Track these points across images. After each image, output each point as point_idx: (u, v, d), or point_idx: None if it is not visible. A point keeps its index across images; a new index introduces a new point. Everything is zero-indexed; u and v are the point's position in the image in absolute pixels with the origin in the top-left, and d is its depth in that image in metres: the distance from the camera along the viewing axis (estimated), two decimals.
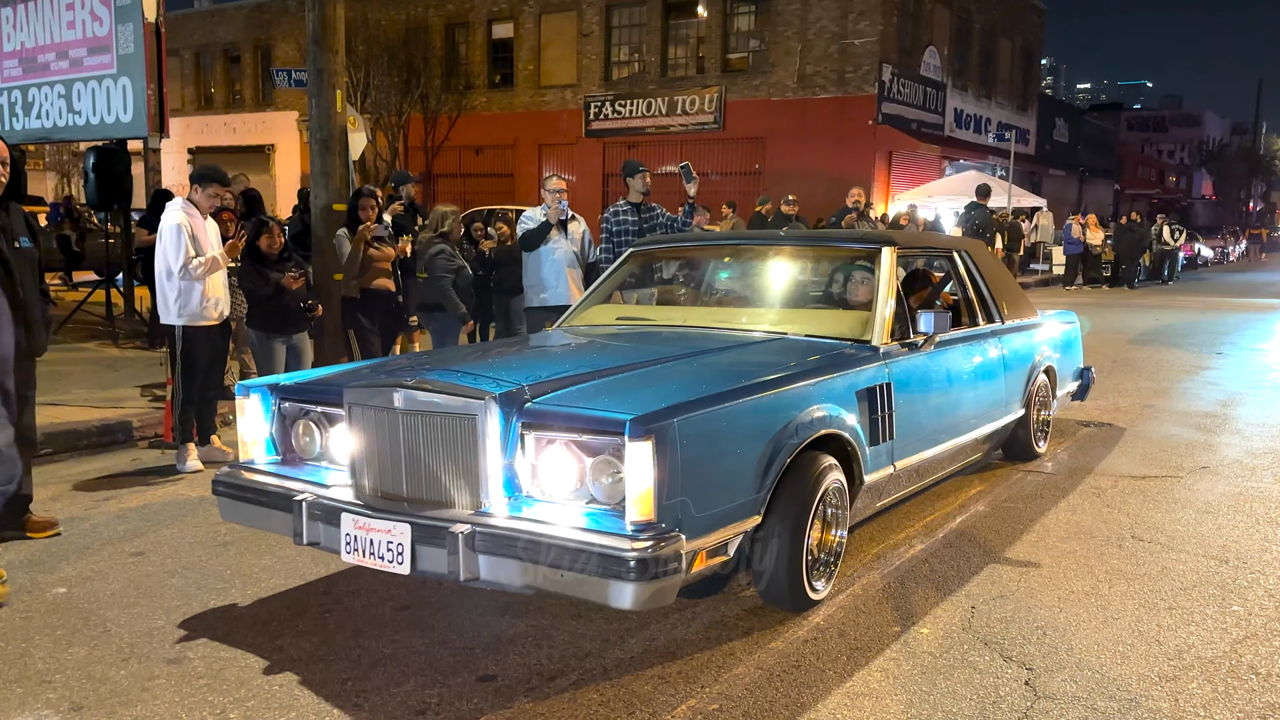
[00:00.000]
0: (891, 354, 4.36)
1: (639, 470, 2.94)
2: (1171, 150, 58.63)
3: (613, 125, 28.49)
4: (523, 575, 3.03)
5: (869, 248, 4.84)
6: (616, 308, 5.37)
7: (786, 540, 3.52)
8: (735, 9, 27.00)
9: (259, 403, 3.98)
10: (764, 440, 3.44)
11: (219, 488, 3.92)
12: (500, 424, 3.21)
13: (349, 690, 3.20)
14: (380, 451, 3.44)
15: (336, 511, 3.42)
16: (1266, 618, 3.76)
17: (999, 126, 30.66)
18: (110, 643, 3.59)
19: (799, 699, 3.11)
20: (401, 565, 3.21)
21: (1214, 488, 5.57)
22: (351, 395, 3.55)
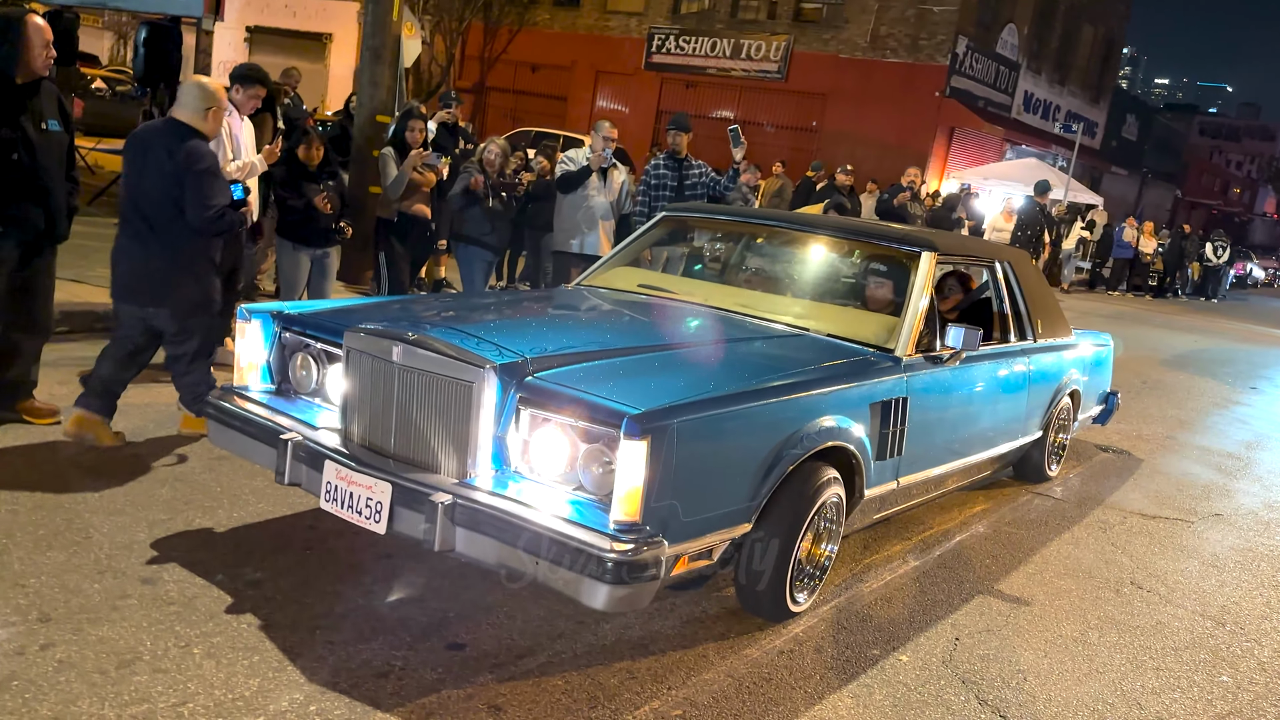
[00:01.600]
0: (914, 366, 4.21)
1: (631, 468, 2.84)
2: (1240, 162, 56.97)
3: (674, 61, 27.91)
4: (498, 555, 2.95)
5: (909, 250, 4.66)
6: (640, 272, 5.22)
7: (775, 551, 3.44)
8: None
9: (260, 329, 3.89)
10: (766, 448, 3.32)
11: (209, 410, 3.85)
12: (497, 394, 3.11)
13: (317, 640, 3.17)
14: (373, 402, 3.37)
15: (321, 457, 3.35)
16: (1254, 694, 3.67)
17: (1068, 116, 29.82)
18: (89, 552, 3.58)
19: (763, 716, 3.06)
20: (378, 524, 3.15)
21: (1224, 539, 5.44)
22: (351, 339, 3.45)
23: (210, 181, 4.56)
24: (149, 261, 4.60)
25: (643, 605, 2.97)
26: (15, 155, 4.50)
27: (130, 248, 4.63)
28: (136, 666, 2.90)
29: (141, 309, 4.68)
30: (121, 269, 4.68)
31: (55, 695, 2.71)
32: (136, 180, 4.59)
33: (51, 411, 4.96)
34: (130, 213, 4.62)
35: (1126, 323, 15.89)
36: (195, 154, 4.53)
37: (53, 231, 4.78)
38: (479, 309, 4.41)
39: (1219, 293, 25.42)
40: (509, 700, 2.97)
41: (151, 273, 4.61)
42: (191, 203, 4.50)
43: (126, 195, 4.66)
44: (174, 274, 4.61)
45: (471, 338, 3.38)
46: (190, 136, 4.57)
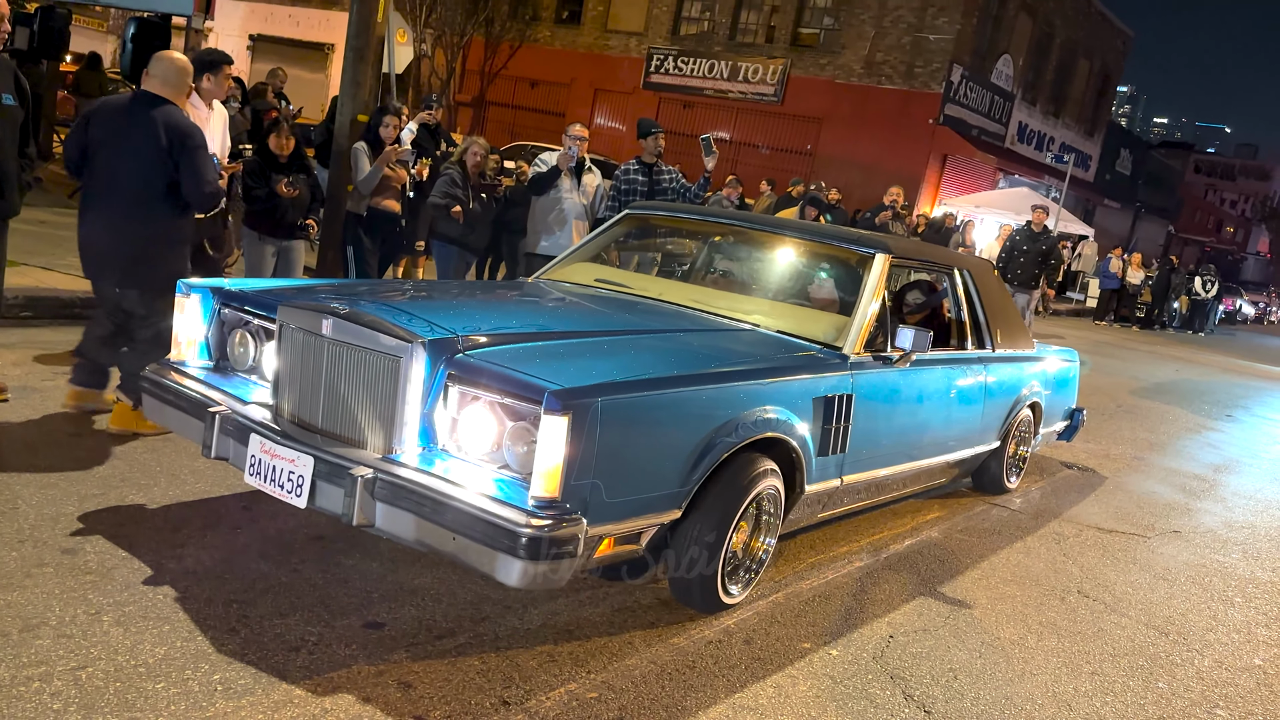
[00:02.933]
0: (861, 365, 4.19)
1: (551, 445, 2.81)
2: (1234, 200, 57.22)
3: (672, 81, 28.06)
4: (416, 531, 2.92)
5: (863, 252, 4.65)
6: (598, 268, 5.19)
7: (708, 541, 3.40)
8: None
9: (199, 304, 3.85)
10: (698, 434, 3.29)
11: (145, 384, 3.81)
12: (426, 371, 3.08)
13: (231, 614, 3.13)
14: (302, 376, 3.34)
15: (247, 430, 3.33)
16: (1188, 700, 3.63)
17: (1061, 147, 29.97)
18: (14, 520, 3.54)
19: (681, 701, 3.02)
20: (299, 498, 3.12)
21: (1178, 554, 5.41)
22: (284, 313, 3.42)
23: (205, 158, 4.58)
24: (124, 241, 4.57)
25: (560, 584, 2.92)
26: None
27: (104, 226, 4.59)
28: (41, 631, 2.85)
29: (112, 289, 4.66)
30: (96, 248, 4.64)
31: None
32: (114, 157, 4.56)
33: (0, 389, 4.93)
34: (105, 189, 4.58)
35: (1109, 350, 15.89)
36: (188, 131, 4.54)
37: (4, 206, 4.76)
38: (422, 292, 4.40)
39: (1206, 326, 25.46)
40: (420, 678, 2.92)
41: (126, 253, 4.57)
42: (190, 179, 4.49)
43: (103, 171, 4.60)
44: (150, 253, 4.58)
45: (403, 314, 3.35)
46: (174, 111, 4.57)
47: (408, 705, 2.77)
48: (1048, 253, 12.58)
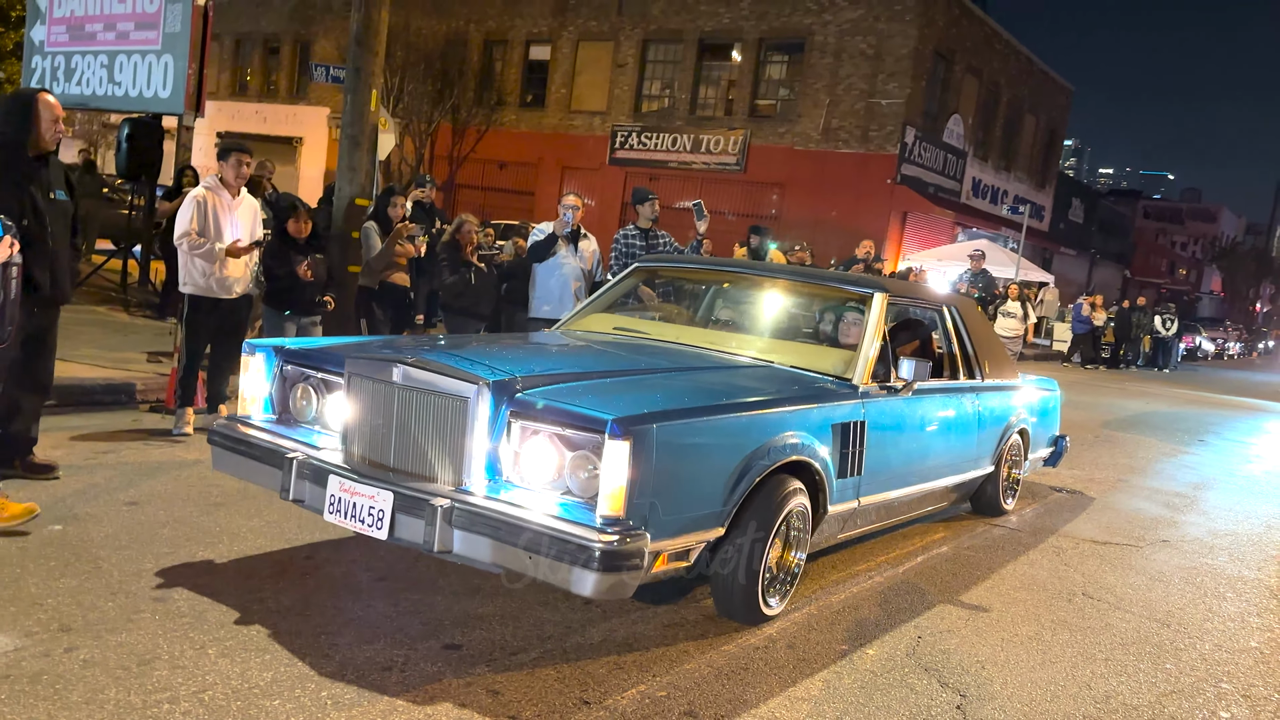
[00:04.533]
0: (870, 394, 4.56)
1: (614, 468, 3.12)
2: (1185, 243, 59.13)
3: (637, 155, 28.88)
4: (493, 553, 3.20)
5: (863, 291, 5.07)
6: (614, 318, 5.55)
7: (746, 555, 3.70)
8: (768, 57, 27.48)
9: (263, 362, 4.18)
10: (737, 457, 3.62)
11: (214, 438, 4.09)
12: (490, 409, 3.40)
13: (321, 644, 3.39)
14: (373, 422, 3.65)
15: (324, 472, 3.61)
16: (1195, 677, 3.95)
17: (1015, 200, 31.01)
18: (100, 578, 3.79)
19: (741, 696, 3.30)
20: (380, 530, 3.39)
21: (1170, 560, 5.76)
22: (352, 365, 3.76)
23: None
24: None
25: (628, 594, 3.22)
26: (25, 221, 4.80)
27: None
28: (156, 664, 3.10)
29: None
30: None
31: (83, 686, 2.91)
32: None
33: (50, 467, 5.16)
34: None
35: (1080, 389, 16.40)
36: None
37: (58, 294, 5.07)
38: (467, 343, 4.74)
39: (1170, 363, 26.21)
40: (505, 686, 3.20)
41: None
42: None
43: None
44: None
45: (465, 360, 3.70)
46: None
47: (500, 708, 3.04)
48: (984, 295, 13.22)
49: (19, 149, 4.83)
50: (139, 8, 12.21)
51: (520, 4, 31.65)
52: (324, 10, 35.63)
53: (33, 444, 5.20)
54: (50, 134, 4.93)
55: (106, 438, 6.19)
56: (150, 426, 6.63)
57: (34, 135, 4.87)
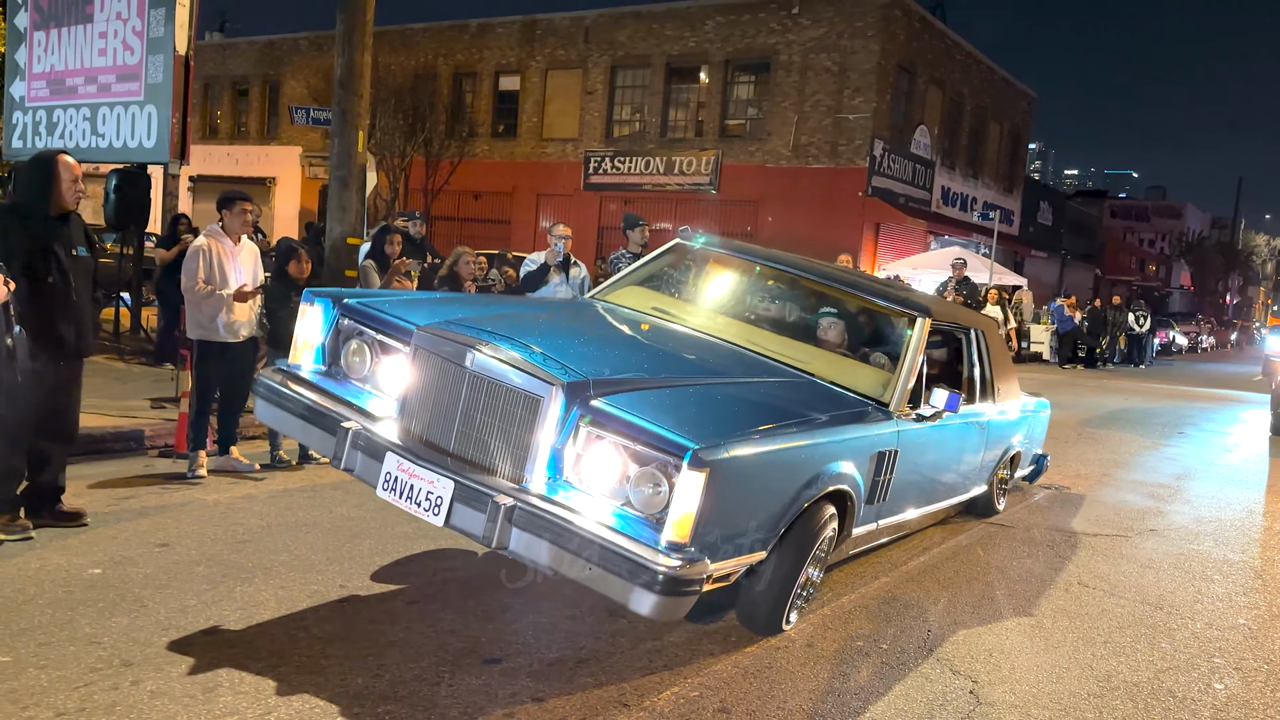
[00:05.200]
0: (903, 421, 4.57)
1: (687, 495, 3.17)
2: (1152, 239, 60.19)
3: (610, 180, 29.20)
4: (550, 557, 3.24)
5: (908, 313, 5.01)
6: (651, 295, 5.44)
7: (781, 578, 3.81)
8: (735, 78, 27.92)
9: (320, 311, 4.12)
10: (792, 486, 3.69)
11: (261, 389, 4.04)
12: (561, 410, 3.40)
13: (370, 664, 3.58)
14: (437, 401, 3.61)
15: (382, 449, 3.59)
16: (1190, 654, 4.20)
17: (984, 206, 31.57)
18: (148, 615, 3.96)
19: (769, 692, 3.52)
20: (436, 517, 3.41)
21: (1159, 547, 6.03)
22: (421, 338, 3.69)
23: None
24: None
25: (680, 616, 3.31)
26: (51, 279, 4.99)
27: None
28: (219, 691, 3.28)
29: None
30: None
31: (157, 715, 3.10)
32: None
33: (78, 514, 5.32)
34: None
35: (1058, 389, 16.74)
36: None
37: (82, 347, 5.24)
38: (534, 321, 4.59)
39: (1145, 359, 26.70)
40: (548, 693, 3.40)
41: None
42: None
43: None
44: None
45: (539, 355, 3.62)
46: None
47: (546, 714, 3.24)
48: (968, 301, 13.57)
49: (42, 209, 5.02)
50: (120, 60, 12.39)
51: (488, 36, 32.04)
52: (290, 52, 35.92)
53: (60, 492, 5.35)
54: (70, 194, 5.13)
55: (123, 484, 6.34)
56: (163, 471, 6.78)
57: (55, 195, 5.06)
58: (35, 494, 5.22)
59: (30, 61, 13.35)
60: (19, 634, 3.71)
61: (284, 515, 5.58)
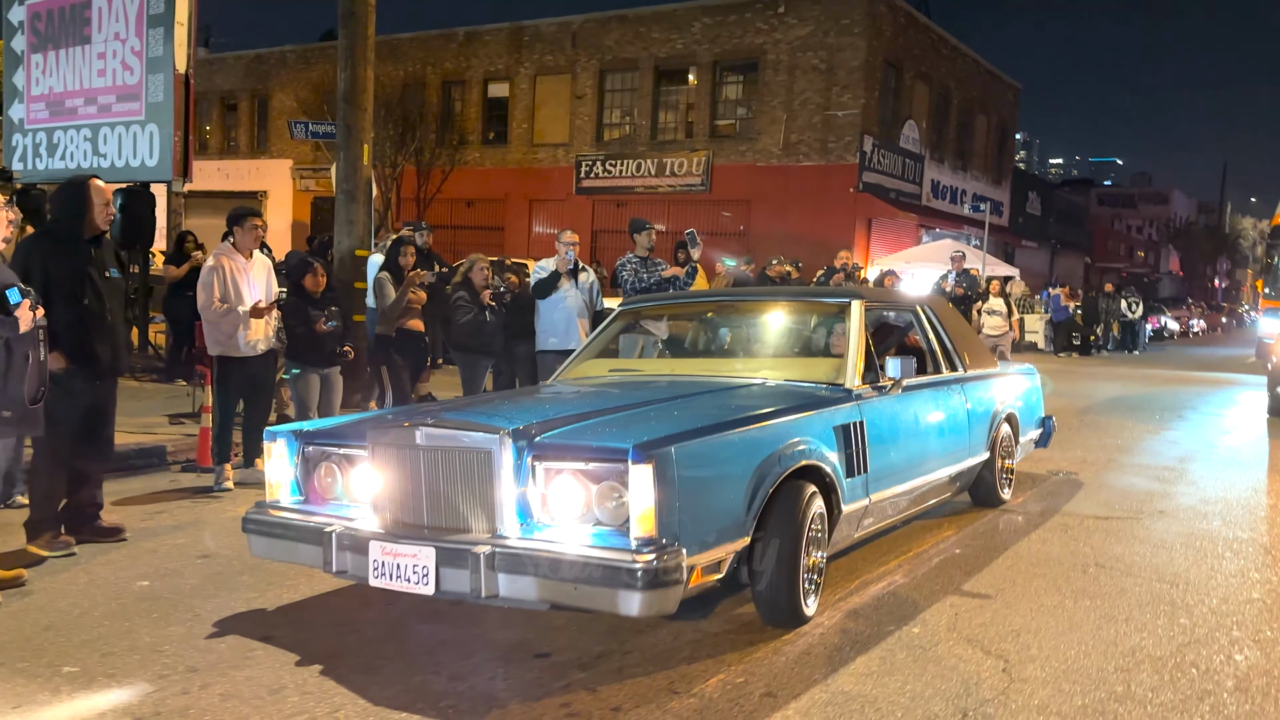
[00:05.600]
0: (863, 396, 4.85)
1: (641, 491, 3.35)
2: (1140, 226, 60.53)
3: (602, 184, 29.35)
4: (539, 591, 3.38)
5: (840, 302, 5.43)
6: (609, 361, 5.85)
7: (785, 563, 3.95)
8: (724, 78, 28.11)
9: (285, 446, 4.28)
10: (750, 467, 3.86)
11: (249, 526, 4.17)
12: (513, 456, 3.57)
13: (424, 663, 3.71)
14: (401, 485, 3.77)
15: (364, 540, 3.73)
16: (1209, 628, 4.35)
17: (974, 198, 31.77)
18: (203, 624, 4.09)
19: (810, 676, 3.66)
20: (426, 586, 3.54)
21: (1169, 528, 6.19)
22: (374, 435, 3.90)
23: None
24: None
25: (671, 609, 3.43)
26: (86, 300, 5.11)
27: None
28: (285, 692, 3.42)
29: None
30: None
31: (230, 716, 3.22)
32: None
33: (118, 530, 5.44)
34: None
35: (1057, 377, 16.93)
36: None
37: (116, 365, 5.36)
38: (476, 402, 5.02)
39: (1139, 345, 26.96)
40: (599, 683, 3.54)
41: None
42: None
43: None
44: None
45: (481, 415, 3.96)
46: None
47: (601, 702, 3.38)
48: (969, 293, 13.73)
49: (77, 233, 5.14)
50: (120, 80, 12.49)
51: (476, 44, 32.18)
52: (278, 65, 36.00)
53: (99, 509, 5.48)
54: (102, 216, 5.26)
55: (152, 499, 6.47)
56: (189, 485, 6.91)
57: (88, 219, 5.19)
58: (74, 511, 5.34)
59: (29, 84, 13.43)
60: (82, 645, 3.84)
61: None
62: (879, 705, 3.44)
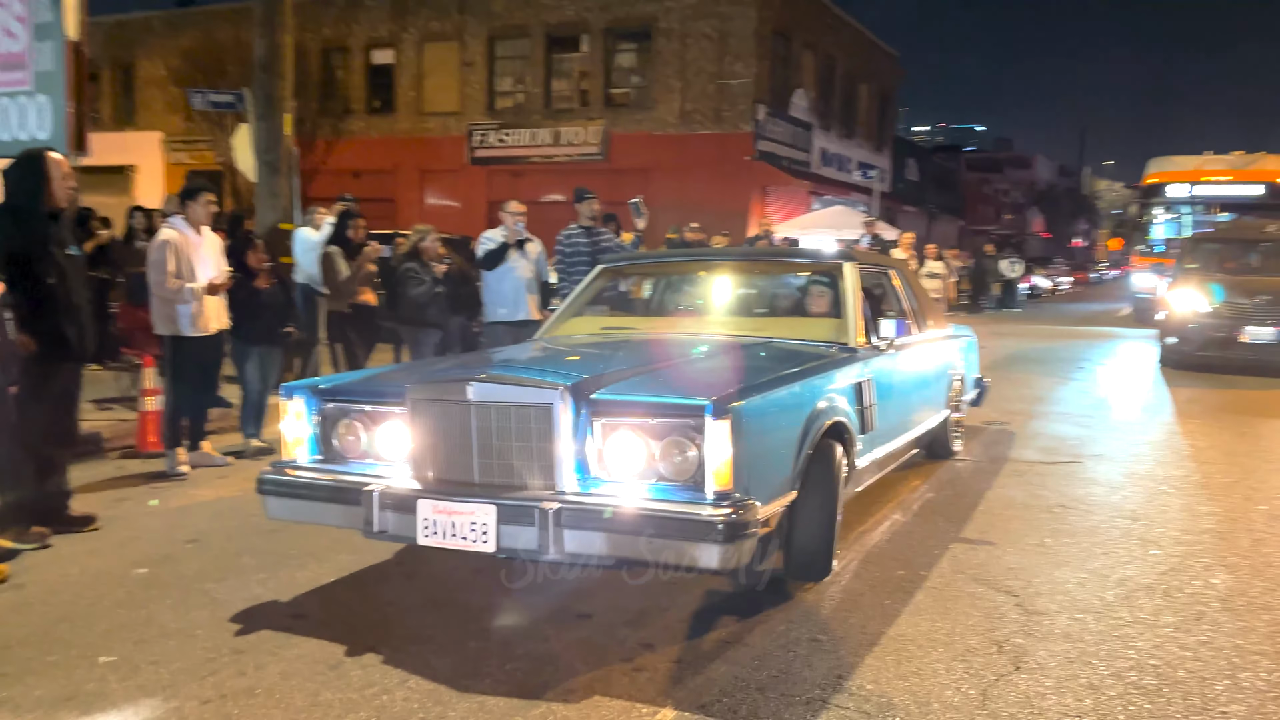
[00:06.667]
0: (866, 355, 5.02)
1: (718, 446, 3.39)
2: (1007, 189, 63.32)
3: (497, 153, 28.98)
4: (609, 546, 3.39)
5: (836, 262, 5.58)
6: (596, 319, 5.80)
7: (827, 517, 4.11)
8: (616, 46, 28.04)
9: (303, 404, 4.11)
10: (799, 422, 3.99)
11: (266, 486, 4.00)
12: (572, 411, 3.56)
13: (472, 629, 3.74)
14: (448, 442, 3.71)
15: (411, 499, 3.66)
16: (1180, 555, 4.72)
17: (860, 165, 32.66)
18: (225, 607, 3.99)
19: (847, 619, 3.84)
20: (486, 544, 3.49)
21: (1111, 470, 6.63)
22: (417, 391, 3.80)
23: None
24: None
25: (745, 562, 3.51)
26: (51, 280, 4.85)
27: None
28: (345, 666, 3.40)
29: None
30: None
31: (298, 694, 3.19)
32: None
33: (90, 518, 5.22)
34: None
35: None
36: None
37: (83, 347, 5.12)
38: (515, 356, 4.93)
39: (1017, 302, 28.31)
40: (650, 638, 3.64)
41: None
42: None
43: None
44: None
45: (534, 370, 3.92)
46: None
47: (661, 657, 3.48)
48: None
49: (37, 209, 4.87)
50: (2, 48, 11.71)
51: (357, 10, 31.14)
52: (143, 32, 34.12)
53: (68, 498, 5.24)
54: (61, 191, 4.99)
55: (107, 486, 6.22)
56: (138, 471, 6.64)
57: (46, 193, 4.92)
58: (43, 501, 5.10)
59: None
60: (108, 634, 3.72)
61: None
62: (920, 643, 3.64)
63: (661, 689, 3.27)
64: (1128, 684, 3.33)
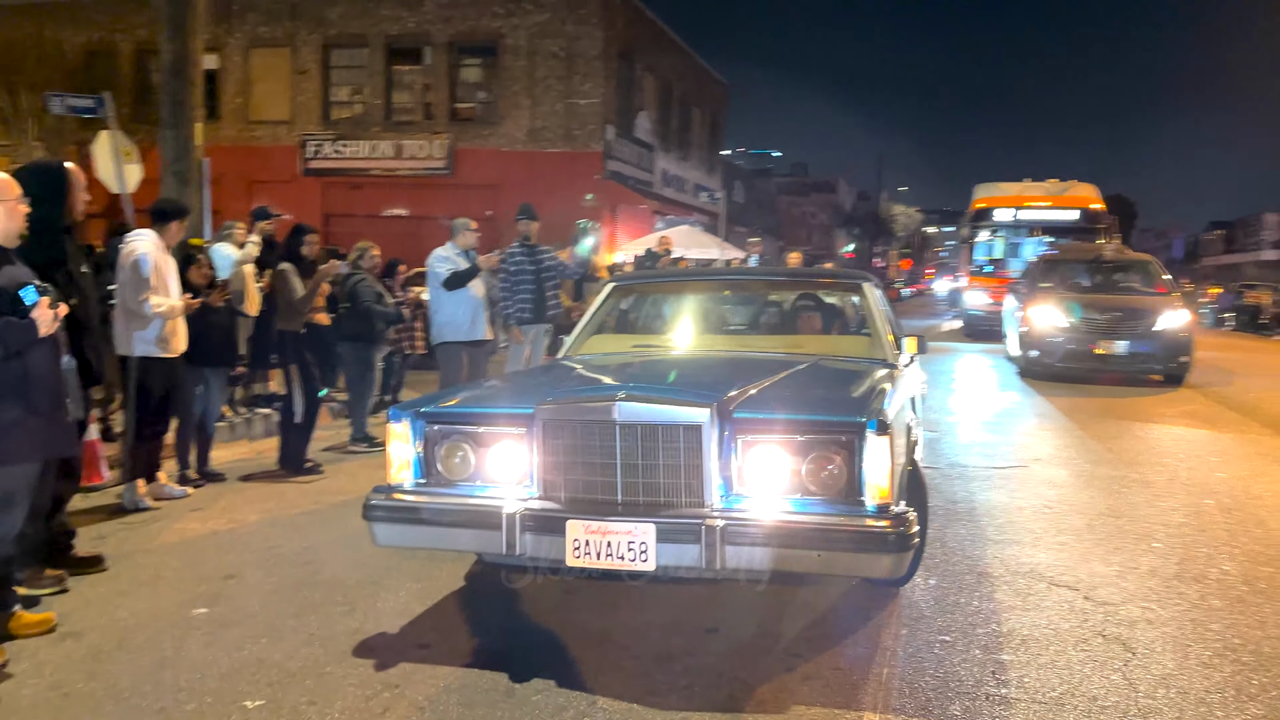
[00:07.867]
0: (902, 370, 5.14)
1: (879, 460, 3.48)
2: (814, 212, 66.79)
3: (333, 165, 28.01)
4: (774, 561, 3.45)
5: (854, 282, 5.80)
6: (621, 337, 5.81)
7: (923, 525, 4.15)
8: (461, 60, 27.77)
9: (408, 427, 3.95)
10: (906, 439, 4.21)
11: (376, 513, 3.83)
12: (718, 430, 3.58)
13: (610, 649, 3.72)
14: (587, 462, 3.67)
15: (559, 519, 3.59)
16: (1184, 548, 5.24)
17: (695, 187, 33.66)
18: (332, 643, 3.80)
19: (951, 610, 4.08)
20: (646, 563, 3.49)
21: (1060, 473, 7.22)
22: (550, 412, 3.73)
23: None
24: None
25: (905, 570, 3.73)
26: (74, 301, 4.43)
27: None
28: (522, 692, 3.32)
29: None
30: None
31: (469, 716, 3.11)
32: None
33: (97, 559, 4.80)
34: None
35: None
36: None
37: (100, 372, 4.70)
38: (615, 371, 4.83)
39: None
40: (801, 648, 3.75)
41: None
42: None
43: None
44: None
45: (674, 390, 3.94)
46: None
47: (819, 665, 3.60)
48: None
49: (59, 224, 4.46)
50: None
51: None
52: None
53: (73, 536, 4.80)
54: (80, 204, 4.61)
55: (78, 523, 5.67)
56: (98, 504, 6.10)
57: (66, 208, 4.51)
58: (51, 540, 4.65)
59: None
60: (228, 679, 3.52)
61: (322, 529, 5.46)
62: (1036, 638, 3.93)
63: (846, 694, 3.40)
64: (1233, 662, 3.72)
